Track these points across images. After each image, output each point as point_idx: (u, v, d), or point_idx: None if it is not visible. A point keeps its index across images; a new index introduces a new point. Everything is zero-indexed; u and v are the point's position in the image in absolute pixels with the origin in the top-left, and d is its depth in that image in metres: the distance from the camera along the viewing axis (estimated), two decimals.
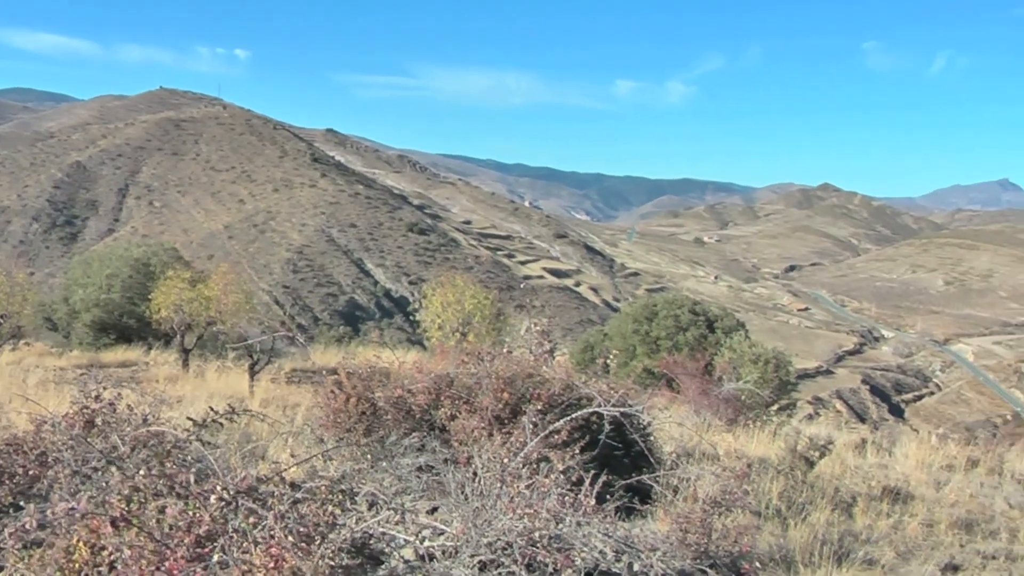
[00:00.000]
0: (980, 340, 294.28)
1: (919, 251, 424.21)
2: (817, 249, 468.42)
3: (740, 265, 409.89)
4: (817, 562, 10.40)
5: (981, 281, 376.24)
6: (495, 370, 11.50)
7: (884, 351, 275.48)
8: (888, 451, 20.93)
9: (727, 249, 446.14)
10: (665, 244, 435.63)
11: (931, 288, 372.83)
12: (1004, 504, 16.74)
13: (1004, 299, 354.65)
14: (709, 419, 21.09)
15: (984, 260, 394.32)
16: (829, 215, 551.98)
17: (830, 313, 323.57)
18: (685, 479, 11.36)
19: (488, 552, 7.19)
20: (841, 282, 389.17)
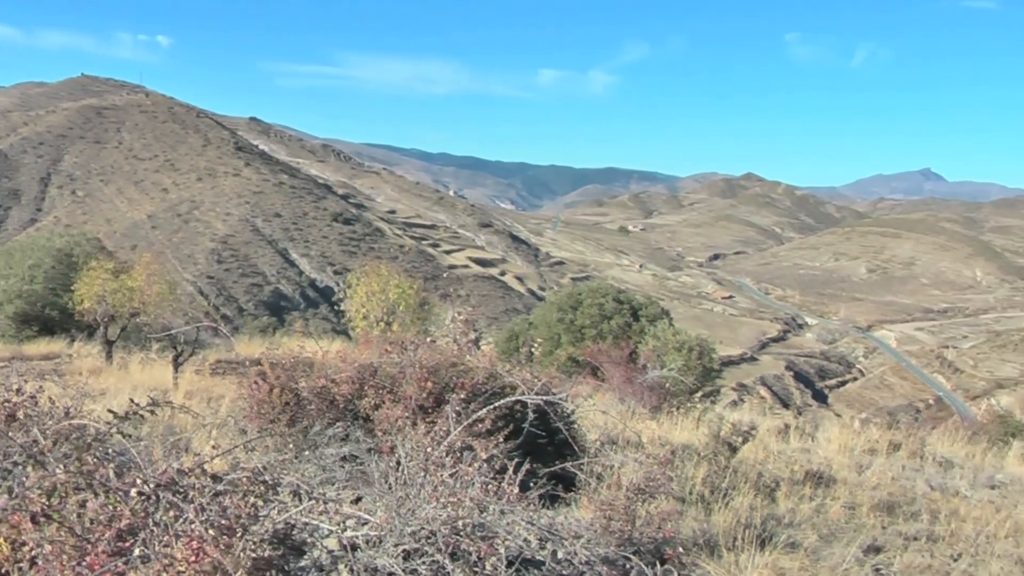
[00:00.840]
0: (903, 326, 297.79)
1: (842, 239, 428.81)
2: (741, 238, 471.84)
3: (664, 254, 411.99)
4: (740, 546, 10.47)
5: (903, 269, 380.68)
6: (419, 359, 11.49)
7: (808, 338, 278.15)
8: (811, 436, 21.14)
9: (651, 238, 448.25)
10: (590, 233, 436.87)
11: (854, 276, 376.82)
12: (925, 486, 16.93)
13: (926, 286, 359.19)
14: (633, 407, 21.17)
15: (906, 248, 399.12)
16: (753, 204, 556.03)
17: (754, 301, 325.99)
18: (609, 466, 11.40)
19: (412, 541, 7.17)
20: (765, 270, 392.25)
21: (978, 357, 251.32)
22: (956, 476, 18.73)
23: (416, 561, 7.02)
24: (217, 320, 34.37)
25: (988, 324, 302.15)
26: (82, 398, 10.91)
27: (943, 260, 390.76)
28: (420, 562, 7.01)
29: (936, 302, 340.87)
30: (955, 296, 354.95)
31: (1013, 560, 13.11)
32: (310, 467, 9.72)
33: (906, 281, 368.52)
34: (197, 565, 5.96)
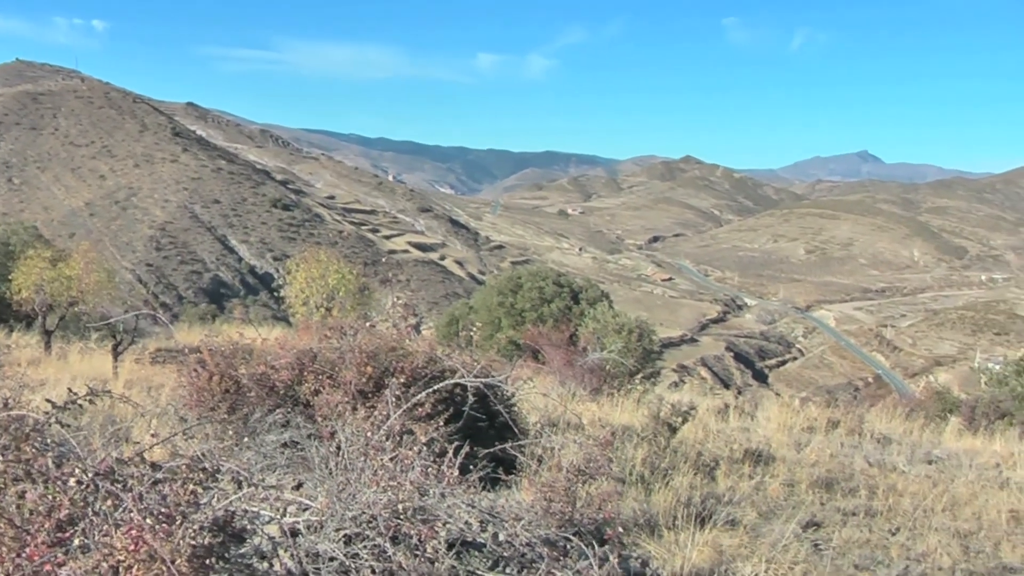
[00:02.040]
0: (841, 306, 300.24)
1: (781, 221, 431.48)
2: (680, 220, 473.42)
3: (604, 237, 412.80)
4: (680, 525, 10.54)
5: (842, 249, 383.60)
6: (358, 344, 11.46)
7: (747, 319, 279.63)
8: (751, 415, 21.29)
9: (591, 221, 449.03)
10: (529, 217, 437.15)
11: (793, 257, 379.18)
12: (863, 462, 17.11)
13: (864, 266, 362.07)
14: (574, 389, 21.23)
15: (844, 229, 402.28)
16: (691, 187, 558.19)
17: (694, 283, 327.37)
18: (549, 448, 11.42)
19: (353, 526, 7.17)
20: (704, 252, 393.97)
21: (916, 336, 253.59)
22: (894, 452, 18.92)
23: (357, 545, 7.03)
24: (156, 308, 34.19)
25: (926, 303, 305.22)
26: (21, 389, 10.86)
27: (881, 241, 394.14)
28: (361, 546, 7.02)
29: (874, 282, 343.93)
30: (893, 276, 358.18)
31: (950, 533, 13.26)
32: (251, 454, 9.67)
33: (844, 262, 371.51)
34: (137, 554, 5.93)
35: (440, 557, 7.06)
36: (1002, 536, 13.65)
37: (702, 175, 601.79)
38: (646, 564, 8.80)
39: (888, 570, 11.31)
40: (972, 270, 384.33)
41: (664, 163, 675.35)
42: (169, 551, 5.95)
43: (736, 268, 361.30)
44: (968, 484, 16.52)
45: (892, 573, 11.22)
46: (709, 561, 9.71)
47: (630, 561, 8.71)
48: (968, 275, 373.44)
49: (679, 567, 9.35)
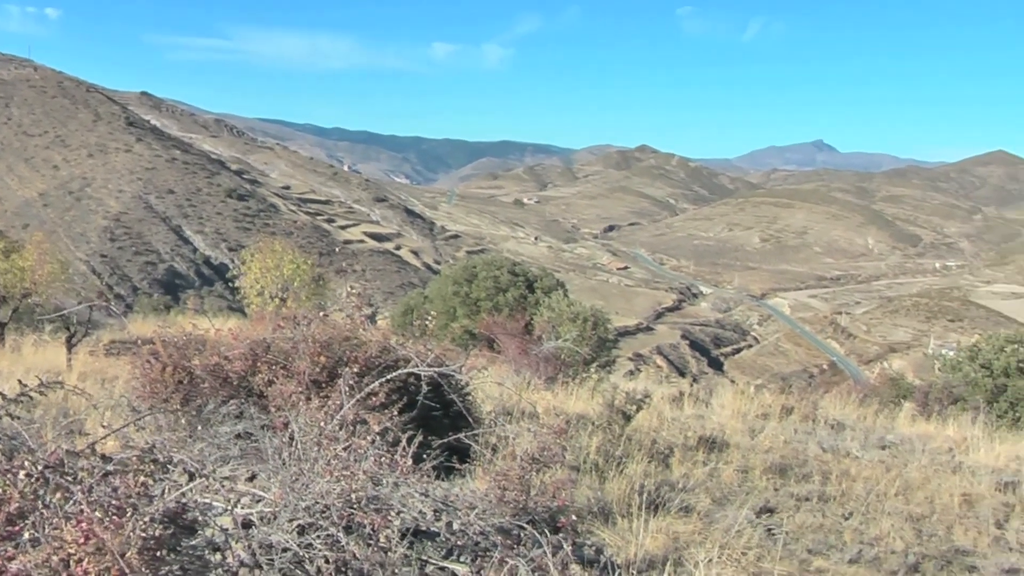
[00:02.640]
0: (796, 294, 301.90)
1: (736, 210, 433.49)
2: (635, 209, 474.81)
3: (560, 226, 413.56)
4: (634, 512, 10.54)
5: (796, 238, 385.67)
6: (312, 334, 11.42)
7: (703, 307, 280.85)
8: (705, 403, 21.35)
9: (547, 210, 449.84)
10: (485, 206, 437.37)
11: (748, 245, 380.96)
12: (817, 448, 17.20)
13: (819, 254, 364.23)
14: (529, 378, 21.23)
15: (799, 218, 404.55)
16: (647, 176, 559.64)
17: (649, 271, 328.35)
18: (504, 437, 11.43)
19: (307, 516, 7.15)
20: (660, 241, 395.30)
21: (871, 323, 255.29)
22: (848, 438, 19.03)
23: (311, 536, 7.00)
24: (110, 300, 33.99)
25: (880, 290, 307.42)
26: None
27: (836, 229, 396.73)
28: (315, 536, 6.99)
29: (829, 270, 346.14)
30: (848, 264, 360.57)
31: (903, 517, 13.37)
32: (204, 445, 9.63)
33: (799, 250, 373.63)
34: (87, 547, 5.90)
35: (393, 546, 7.05)
36: (955, 520, 13.76)
37: (658, 164, 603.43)
38: (600, 552, 8.82)
39: (841, 554, 11.38)
40: (926, 258, 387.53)
41: (620, 152, 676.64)
42: (119, 544, 5.92)
43: (691, 257, 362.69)
44: (921, 469, 16.64)
45: (845, 557, 11.28)
46: (663, 548, 9.75)
47: (584, 549, 8.73)
48: (922, 263, 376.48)
49: (633, 554, 9.37)
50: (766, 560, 9.98)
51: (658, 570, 8.99)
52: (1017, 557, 12.57)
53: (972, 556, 12.38)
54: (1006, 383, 30.44)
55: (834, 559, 11.20)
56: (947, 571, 11.71)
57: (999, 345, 31.77)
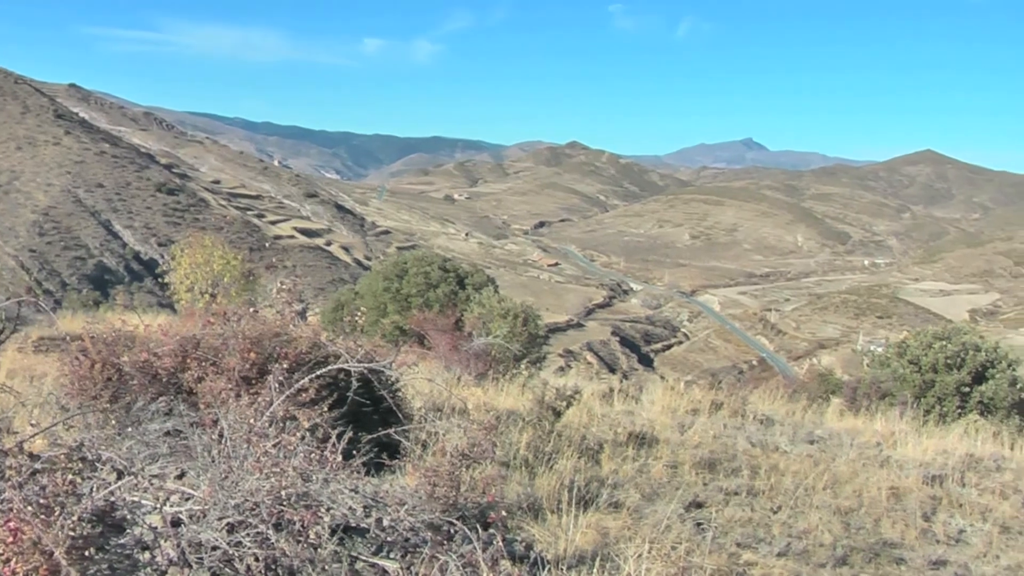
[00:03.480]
0: (726, 291, 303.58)
1: (666, 207, 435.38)
2: (566, 205, 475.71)
3: (490, 222, 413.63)
4: (564, 508, 10.59)
5: (726, 235, 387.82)
6: (242, 330, 11.37)
7: (633, 303, 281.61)
8: (635, 399, 21.42)
9: (477, 206, 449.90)
10: (416, 202, 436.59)
11: (678, 242, 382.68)
12: (746, 443, 17.33)
13: (748, 251, 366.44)
14: (459, 374, 21.25)
15: (729, 215, 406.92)
16: (577, 172, 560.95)
17: (580, 268, 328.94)
18: (434, 433, 11.45)
19: (236, 514, 7.13)
20: (590, 237, 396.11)
21: (800, 319, 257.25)
22: (776, 433, 19.18)
23: (240, 533, 6.99)
24: (39, 295, 33.76)
25: (809, 287, 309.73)
26: None
27: (765, 226, 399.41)
28: (244, 534, 6.98)
29: (758, 267, 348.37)
30: (777, 261, 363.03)
31: (831, 510, 13.51)
32: (132, 443, 9.57)
33: (729, 247, 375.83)
34: (15, 546, 5.87)
35: (323, 543, 7.06)
36: (882, 512, 13.92)
37: (588, 161, 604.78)
38: (530, 547, 8.84)
39: (770, 547, 11.48)
40: (855, 255, 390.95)
41: (550, 148, 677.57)
42: (47, 542, 5.89)
43: (622, 253, 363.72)
44: (849, 463, 16.82)
45: (774, 550, 11.38)
46: (593, 543, 9.79)
47: (514, 544, 8.74)
48: (851, 260, 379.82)
49: (563, 550, 9.42)
50: (695, 554, 10.05)
51: (588, 565, 9.03)
52: (944, 549, 12.74)
53: (900, 548, 12.53)
54: (934, 379, 30.79)
55: (763, 552, 11.29)
56: (875, 563, 11.84)
57: (927, 341, 32.12)
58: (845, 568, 11.39)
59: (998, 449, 21.20)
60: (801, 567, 10.99)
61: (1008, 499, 16.00)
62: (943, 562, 12.10)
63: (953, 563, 12.14)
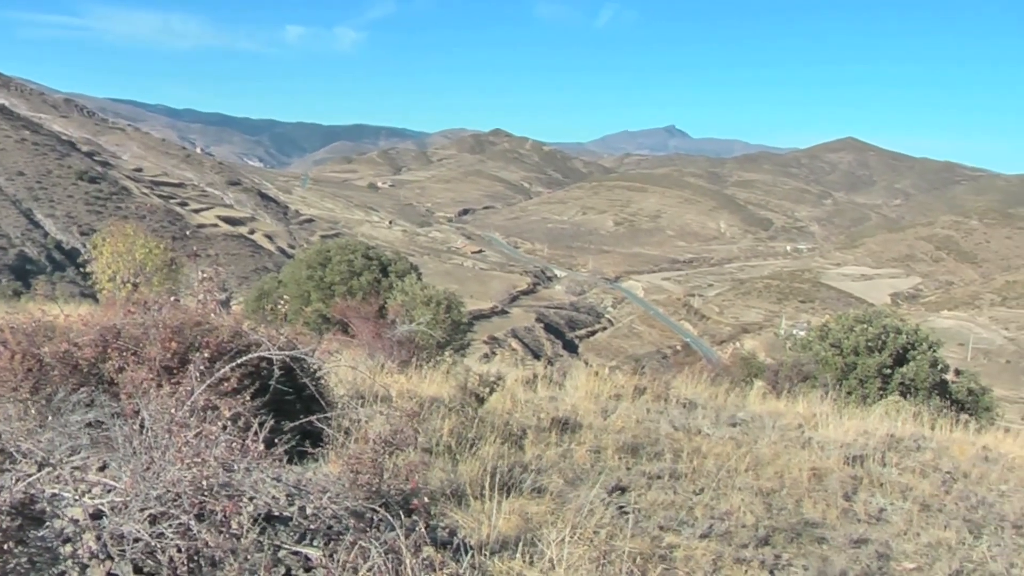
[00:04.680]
0: (650, 277, 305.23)
1: (590, 194, 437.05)
2: (490, 193, 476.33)
3: (415, 210, 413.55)
4: (487, 493, 10.60)
5: (650, 222, 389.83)
6: (163, 319, 11.30)
7: (557, 290, 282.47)
8: (559, 384, 21.47)
9: (401, 194, 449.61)
10: (339, 190, 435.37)
11: (602, 229, 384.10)
12: (669, 427, 17.43)
13: (672, 238, 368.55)
14: (383, 361, 21.23)
15: (652, 202, 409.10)
16: (501, 160, 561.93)
17: (504, 255, 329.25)
18: (357, 421, 11.43)
19: (158, 505, 7.09)
20: (514, 224, 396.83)
21: (723, 304, 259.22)
22: (699, 416, 19.31)
23: (163, 525, 6.96)
24: None
25: (732, 273, 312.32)
26: None
27: (688, 213, 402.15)
28: (166, 525, 6.95)
29: (682, 253, 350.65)
30: (700, 247, 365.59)
31: (753, 492, 13.63)
32: (54, 435, 9.50)
33: (652, 233, 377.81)
34: None
35: (245, 532, 7.04)
36: (804, 493, 14.08)
37: (512, 148, 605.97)
38: (453, 533, 8.88)
39: (693, 529, 11.56)
40: (777, 241, 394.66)
41: (474, 136, 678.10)
42: None
43: (546, 240, 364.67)
44: (771, 445, 16.98)
45: (696, 532, 11.47)
46: (516, 528, 9.82)
47: (437, 531, 8.77)
48: (774, 246, 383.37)
49: (486, 535, 9.43)
50: (618, 538, 10.09)
51: (511, 550, 9.06)
52: (865, 528, 12.90)
53: (821, 528, 12.67)
54: (855, 361, 31.20)
55: (685, 534, 11.37)
56: (796, 543, 11.96)
57: (848, 325, 32.53)
58: (767, 548, 11.48)
59: (919, 429, 21.56)
60: (723, 548, 11.08)
61: (928, 478, 16.25)
62: (864, 540, 12.25)
63: (874, 541, 12.28)
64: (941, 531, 13.13)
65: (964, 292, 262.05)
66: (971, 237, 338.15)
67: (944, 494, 15.29)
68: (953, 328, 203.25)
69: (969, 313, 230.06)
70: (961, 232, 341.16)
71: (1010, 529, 13.68)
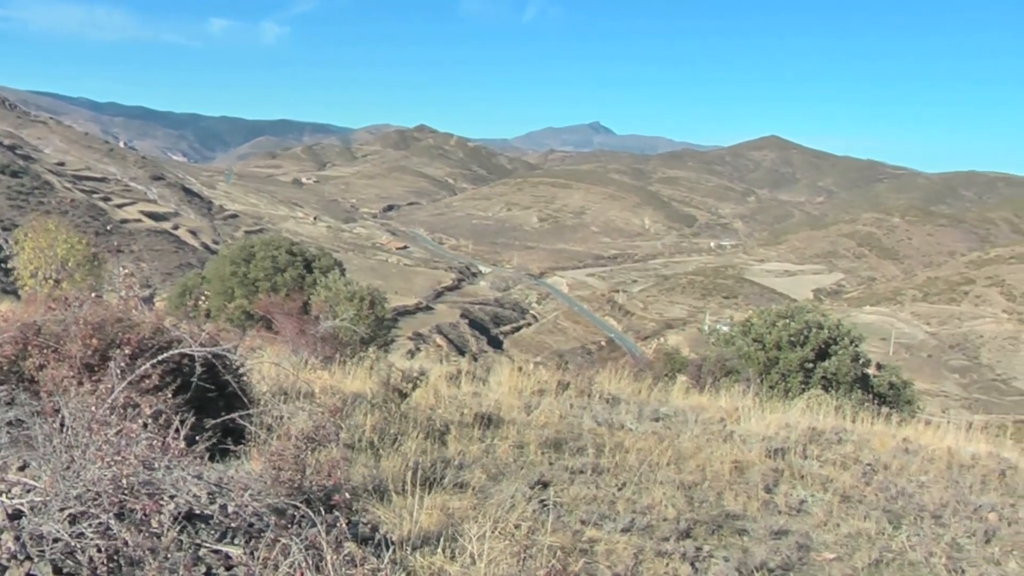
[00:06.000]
0: (574, 272, 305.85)
1: (514, 190, 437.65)
2: (415, 189, 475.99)
3: (339, 205, 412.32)
4: (409, 489, 10.61)
5: (574, 218, 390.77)
6: (83, 316, 11.22)
7: (482, 286, 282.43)
8: (482, 380, 21.49)
9: (326, 190, 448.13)
10: (264, 185, 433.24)
11: (526, 225, 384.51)
12: (592, 422, 17.51)
13: (596, 234, 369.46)
14: (306, 358, 21.19)
15: (577, 198, 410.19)
16: (426, 156, 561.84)
17: (428, 251, 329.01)
18: (279, 417, 11.41)
19: (78, 504, 7.05)
20: (439, 220, 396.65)
21: (648, 300, 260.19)
22: (622, 411, 19.38)
23: (83, 524, 6.93)
24: None
25: (657, 269, 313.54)
26: None
27: (613, 209, 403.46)
28: (87, 525, 6.92)
29: (606, 249, 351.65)
30: (624, 243, 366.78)
31: (675, 485, 13.73)
32: None
33: (577, 230, 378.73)
34: None
35: (165, 531, 7.02)
36: (725, 486, 14.19)
37: (436, 144, 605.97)
38: (375, 529, 8.88)
39: (614, 524, 11.62)
40: (701, 237, 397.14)
41: (398, 132, 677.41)
42: None
43: (470, 236, 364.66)
44: (693, 439, 17.10)
45: (618, 526, 11.53)
46: (438, 524, 9.83)
47: (359, 526, 8.77)
48: (698, 242, 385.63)
49: (408, 531, 9.45)
50: (539, 532, 10.12)
51: (432, 545, 9.09)
52: (785, 519, 13.04)
53: (742, 520, 12.78)
54: (778, 356, 31.47)
55: (607, 529, 11.43)
56: (718, 535, 12.06)
57: (771, 320, 32.80)
58: (688, 541, 11.56)
59: (840, 422, 21.78)
60: (645, 542, 11.14)
61: (848, 470, 16.46)
62: (785, 532, 12.37)
63: (794, 532, 12.41)
64: (861, 521, 13.30)
65: (886, 288, 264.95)
66: (893, 234, 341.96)
67: (864, 485, 15.49)
68: (875, 323, 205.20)
69: (891, 308, 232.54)
70: (883, 229, 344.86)
71: (929, 519, 13.91)
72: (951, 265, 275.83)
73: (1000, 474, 17.62)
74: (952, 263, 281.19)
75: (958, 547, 12.92)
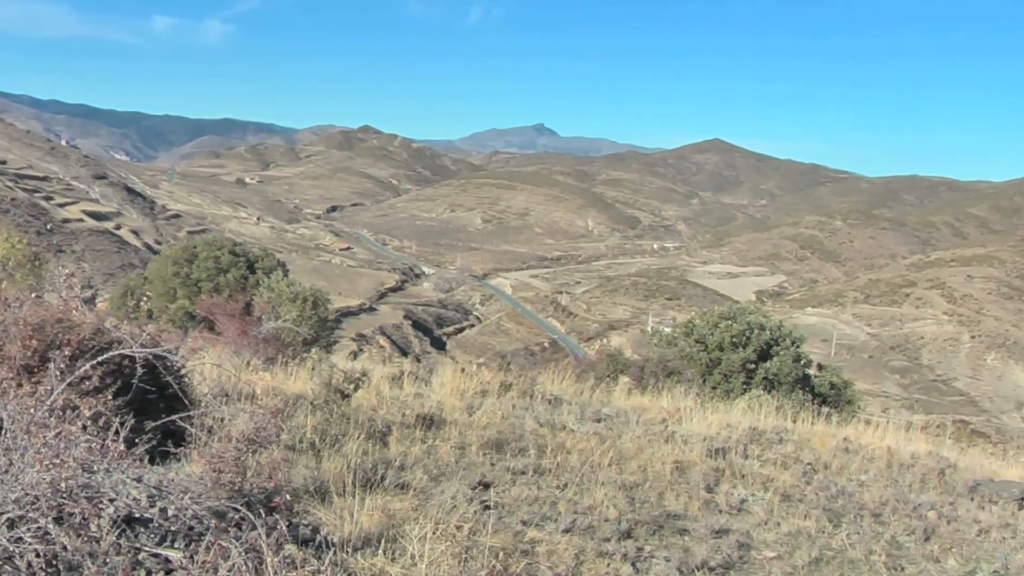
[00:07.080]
0: (518, 274, 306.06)
1: (458, 191, 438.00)
2: (358, 190, 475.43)
3: (283, 206, 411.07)
4: (350, 490, 10.61)
5: (518, 219, 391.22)
6: (23, 316, 11.13)
7: (425, 287, 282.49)
8: (425, 381, 21.47)
9: (269, 190, 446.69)
10: (207, 185, 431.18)
11: (470, 226, 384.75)
12: (534, 423, 17.54)
13: (540, 235, 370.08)
14: (248, 359, 21.10)
15: (521, 199, 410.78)
16: (370, 156, 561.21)
17: (372, 252, 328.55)
18: (221, 419, 11.36)
19: (16, 508, 6.99)
20: (382, 221, 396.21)
21: (591, 301, 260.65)
22: (564, 412, 19.43)
23: (21, 529, 6.87)
24: None
25: (600, 270, 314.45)
26: None
27: (556, 211, 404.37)
28: (25, 530, 6.87)
29: (550, 250, 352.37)
30: (568, 244, 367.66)
31: (616, 486, 13.79)
32: None
33: (521, 231, 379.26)
34: None
35: (104, 535, 6.97)
36: (666, 486, 14.27)
37: (380, 145, 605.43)
38: (316, 530, 8.86)
39: (556, 524, 11.65)
40: (645, 239, 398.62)
41: (342, 132, 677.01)
42: None
43: (414, 237, 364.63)
44: (635, 439, 17.18)
45: (560, 527, 11.56)
46: (378, 525, 9.83)
47: (300, 528, 8.75)
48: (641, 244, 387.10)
49: (349, 532, 9.44)
50: (480, 533, 10.14)
51: (373, 547, 9.09)
52: (726, 519, 13.13)
53: (683, 519, 12.86)
54: (720, 356, 31.68)
55: (548, 529, 11.45)
56: (659, 535, 12.12)
57: (713, 321, 33.01)
58: (630, 541, 11.61)
59: (781, 422, 21.99)
60: (586, 542, 11.18)
61: (789, 469, 16.63)
62: (726, 531, 12.46)
63: (735, 531, 12.50)
64: (801, 520, 13.42)
65: (828, 290, 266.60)
66: (835, 237, 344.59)
67: (805, 484, 15.65)
68: (817, 324, 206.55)
69: (833, 310, 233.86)
70: (825, 232, 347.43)
71: (869, 517, 14.08)
72: (892, 268, 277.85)
73: (939, 473, 17.86)
74: (893, 266, 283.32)
75: (898, 545, 13.10)
